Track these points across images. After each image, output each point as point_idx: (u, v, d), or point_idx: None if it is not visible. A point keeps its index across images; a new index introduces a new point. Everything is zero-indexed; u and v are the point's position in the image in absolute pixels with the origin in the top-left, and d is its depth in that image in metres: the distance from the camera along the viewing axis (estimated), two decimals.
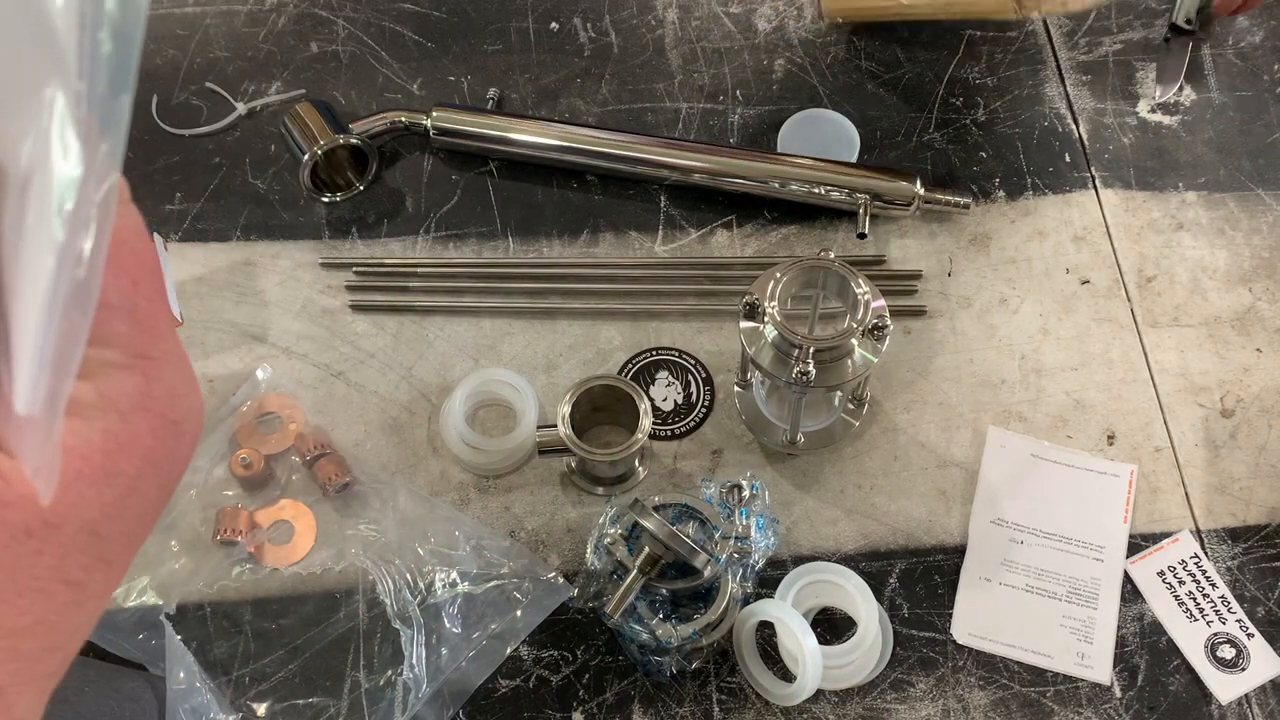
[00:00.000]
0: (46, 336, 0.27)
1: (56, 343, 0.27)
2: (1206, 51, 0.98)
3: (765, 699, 0.70)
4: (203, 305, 0.85)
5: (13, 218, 0.27)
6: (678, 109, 0.95)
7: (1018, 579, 0.74)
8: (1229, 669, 0.71)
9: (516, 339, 0.84)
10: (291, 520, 0.76)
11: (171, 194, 0.91)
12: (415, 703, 0.69)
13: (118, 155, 0.27)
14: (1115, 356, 0.83)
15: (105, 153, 0.27)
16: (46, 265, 0.27)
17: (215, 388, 0.82)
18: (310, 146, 0.85)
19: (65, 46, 0.26)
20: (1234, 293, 0.85)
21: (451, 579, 0.72)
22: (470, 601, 0.72)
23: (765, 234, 0.89)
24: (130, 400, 0.31)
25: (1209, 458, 0.79)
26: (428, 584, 0.72)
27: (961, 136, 0.93)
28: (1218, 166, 0.91)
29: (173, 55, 0.99)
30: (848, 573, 0.72)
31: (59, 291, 0.27)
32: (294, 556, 0.74)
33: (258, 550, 0.74)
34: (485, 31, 1.00)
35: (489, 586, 0.72)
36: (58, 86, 0.26)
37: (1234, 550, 0.75)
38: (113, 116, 0.27)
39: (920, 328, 0.84)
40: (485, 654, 0.71)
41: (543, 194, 0.91)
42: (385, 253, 0.88)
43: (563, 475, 0.78)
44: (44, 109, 0.26)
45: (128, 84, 0.27)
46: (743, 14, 1.01)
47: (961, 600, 0.73)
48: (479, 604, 0.72)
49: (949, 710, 0.70)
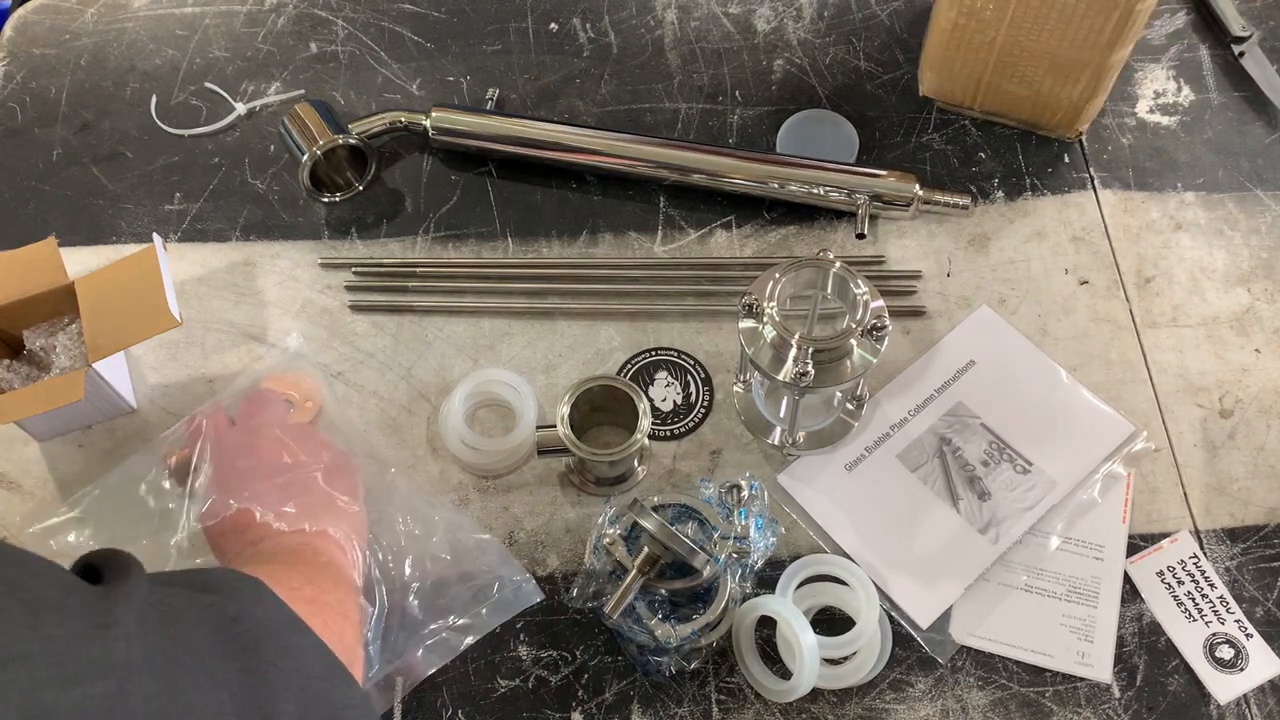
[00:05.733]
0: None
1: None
2: (1205, 52, 0.98)
3: (764, 699, 0.70)
4: (202, 305, 0.85)
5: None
6: (677, 109, 0.95)
7: (1017, 578, 0.74)
8: (1228, 669, 0.71)
9: (516, 339, 0.84)
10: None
11: (171, 194, 0.91)
12: (365, 683, 0.68)
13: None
14: (1114, 357, 0.83)
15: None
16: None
17: (215, 388, 0.82)
18: (310, 147, 0.85)
19: None
20: (1232, 293, 0.85)
21: (423, 564, 0.72)
22: (437, 590, 0.71)
23: (764, 234, 0.89)
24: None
25: (1208, 458, 0.79)
26: (398, 566, 0.72)
27: (960, 137, 0.93)
28: (1216, 167, 0.91)
29: (172, 55, 0.99)
30: (850, 564, 0.72)
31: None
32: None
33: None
34: (484, 32, 1.00)
35: (455, 577, 0.72)
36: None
37: (1232, 550, 0.75)
38: None
39: (919, 328, 0.84)
40: (441, 646, 0.70)
41: (542, 194, 0.91)
42: (384, 253, 0.88)
43: (562, 475, 0.78)
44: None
45: None
46: (742, 14, 1.01)
47: (960, 600, 0.73)
48: (445, 594, 0.71)
49: (948, 710, 0.70)
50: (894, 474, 0.78)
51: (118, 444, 0.80)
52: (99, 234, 0.89)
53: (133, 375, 0.82)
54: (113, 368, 0.78)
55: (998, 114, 0.93)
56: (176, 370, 0.83)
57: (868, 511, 0.76)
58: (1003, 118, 0.93)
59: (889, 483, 0.77)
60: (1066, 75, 0.86)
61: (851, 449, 0.79)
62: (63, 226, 0.89)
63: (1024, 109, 0.91)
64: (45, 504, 0.77)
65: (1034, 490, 0.77)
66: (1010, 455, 0.78)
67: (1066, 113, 0.89)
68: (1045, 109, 0.90)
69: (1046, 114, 0.90)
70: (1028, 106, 0.90)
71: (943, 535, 0.75)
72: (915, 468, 0.78)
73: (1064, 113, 0.89)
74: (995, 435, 0.79)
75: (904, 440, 0.79)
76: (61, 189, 0.92)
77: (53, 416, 0.77)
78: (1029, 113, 0.91)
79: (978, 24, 0.85)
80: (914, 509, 0.76)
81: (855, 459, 0.78)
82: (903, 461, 0.78)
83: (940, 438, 0.79)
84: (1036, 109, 0.90)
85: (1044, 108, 0.90)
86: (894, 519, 0.76)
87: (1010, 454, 0.78)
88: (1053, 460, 0.78)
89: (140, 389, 0.82)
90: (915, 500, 0.77)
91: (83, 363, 0.76)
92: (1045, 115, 0.91)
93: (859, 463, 0.78)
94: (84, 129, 0.95)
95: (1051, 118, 0.91)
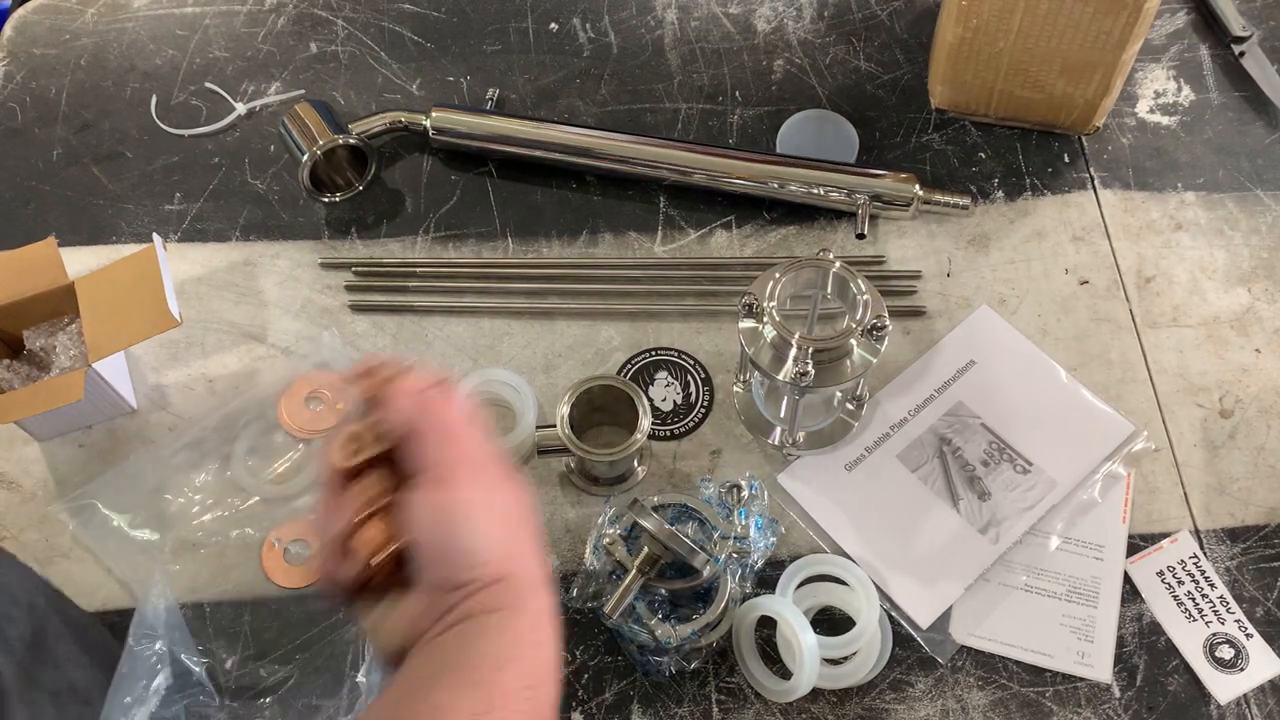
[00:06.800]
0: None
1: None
2: (1205, 52, 0.98)
3: (764, 699, 0.70)
4: (202, 305, 0.85)
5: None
6: (677, 109, 0.95)
7: (1017, 578, 0.74)
8: (1228, 669, 0.71)
9: (515, 339, 0.84)
10: (311, 541, 0.75)
11: (171, 194, 0.91)
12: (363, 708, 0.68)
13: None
14: (1114, 357, 0.83)
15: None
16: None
17: (215, 388, 0.82)
18: (310, 147, 0.85)
19: None
20: (1233, 293, 0.85)
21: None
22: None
23: (764, 234, 0.89)
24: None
25: (1208, 458, 0.79)
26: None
27: (960, 137, 0.93)
28: (1216, 167, 0.91)
29: (172, 55, 0.99)
30: (850, 564, 0.72)
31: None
32: (307, 578, 0.74)
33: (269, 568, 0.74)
34: (484, 32, 1.00)
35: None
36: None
37: (1233, 550, 0.75)
38: None
39: (919, 328, 0.84)
40: None
41: (542, 194, 0.91)
42: (384, 253, 0.88)
43: (561, 475, 0.78)
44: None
45: None
46: (742, 14, 1.01)
47: (960, 600, 0.73)
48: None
49: (948, 710, 0.70)
50: (894, 474, 0.78)
51: (118, 444, 0.80)
52: (99, 234, 0.89)
53: (133, 375, 0.82)
54: (113, 368, 0.78)
55: (1013, 118, 0.93)
56: (176, 370, 0.83)
57: (868, 511, 0.76)
58: (1019, 122, 0.93)
59: (889, 483, 0.77)
60: (1079, 76, 0.86)
61: (851, 449, 0.79)
62: (63, 226, 0.89)
63: (1039, 111, 0.91)
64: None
65: (1034, 490, 0.76)
66: (1010, 455, 0.78)
67: (1082, 111, 0.89)
68: (1060, 110, 0.90)
69: (1062, 114, 0.91)
70: (1042, 109, 0.90)
71: (943, 535, 0.75)
72: (915, 468, 0.78)
73: (1080, 111, 0.90)
74: (995, 435, 0.79)
75: (904, 440, 0.79)
76: (61, 189, 0.92)
77: (53, 416, 0.77)
78: (1044, 115, 0.91)
79: (984, 37, 0.86)
80: (914, 509, 0.76)
81: (855, 459, 0.78)
82: (903, 461, 0.78)
83: (940, 438, 0.79)
84: (1051, 110, 0.90)
85: (1059, 109, 0.90)
86: (894, 519, 0.76)
87: (1010, 454, 0.78)
88: (1053, 460, 0.78)
89: (140, 389, 0.82)
90: (915, 500, 0.76)
91: (83, 363, 0.76)
92: (1061, 116, 0.91)
93: (859, 463, 0.78)
94: (84, 129, 0.95)
95: (1067, 117, 0.91)
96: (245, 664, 0.71)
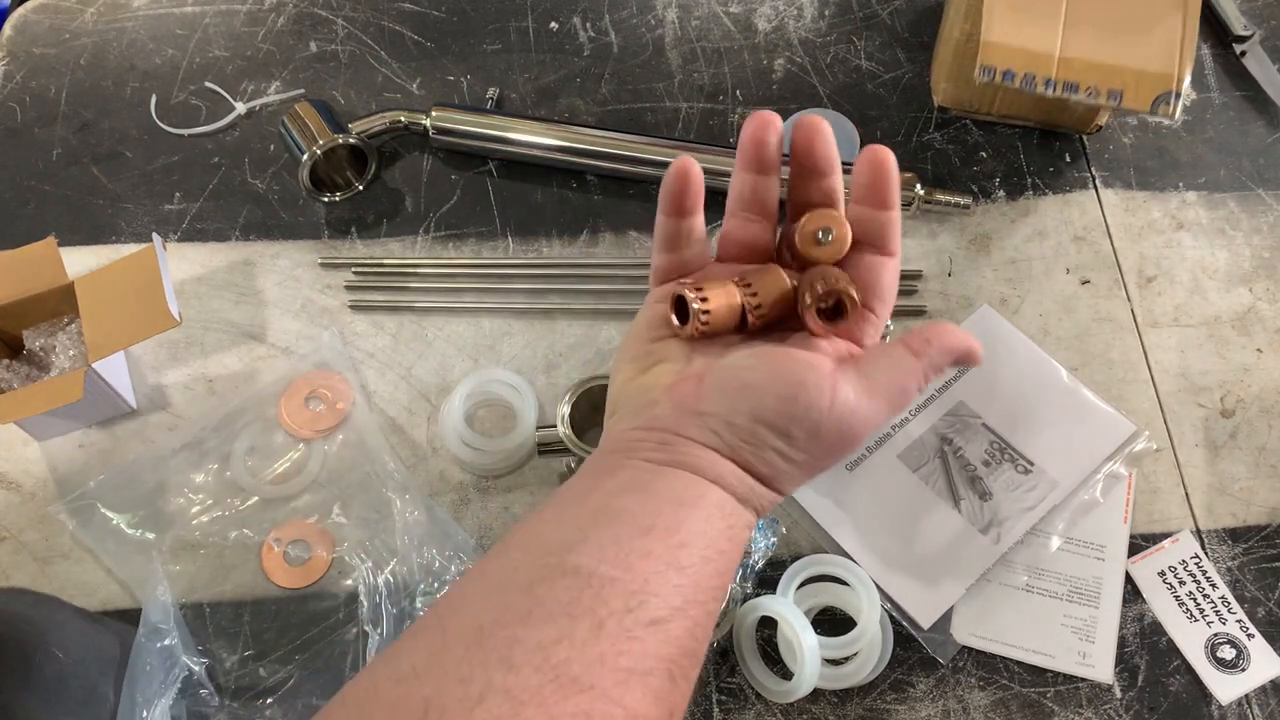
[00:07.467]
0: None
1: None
2: (1206, 51, 0.98)
3: (765, 699, 0.70)
4: (202, 305, 0.85)
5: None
6: (677, 109, 0.95)
7: (1018, 578, 0.74)
8: (1229, 669, 0.71)
9: (516, 339, 0.84)
10: (311, 542, 0.75)
11: (171, 194, 0.91)
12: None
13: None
14: (1115, 356, 0.83)
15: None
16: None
17: (215, 388, 0.82)
18: (309, 146, 0.85)
19: None
20: (1234, 293, 0.85)
21: (431, 591, 0.72)
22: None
23: None
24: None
25: (1209, 458, 0.79)
26: (410, 593, 0.72)
27: (961, 136, 0.93)
28: (1218, 166, 0.91)
29: (172, 55, 0.99)
30: (851, 564, 0.72)
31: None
32: (307, 579, 0.74)
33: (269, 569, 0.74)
34: (485, 31, 1.00)
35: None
36: None
37: (1234, 550, 0.75)
38: None
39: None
40: None
41: (542, 194, 0.91)
42: (384, 252, 0.88)
43: (562, 475, 0.78)
44: None
45: None
46: (743, 13, 1.01)
47: (962, 600, 0.73)
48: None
49: (949, 711, 0.70)
50: (895, 474, 0.77)
51: (117, 444, 0.80)
52: (99, 234, 0.89)
53: (133, 375, 0.82)
54: (113, 368, 0.78)
55: (1015, 117, 0.92)
56: (176, 370, 0.83)
57: (868, 511, 0.76)
58: (1021, 121, 0.93)
59: (890, 483, 0.77)
60: None
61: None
62: (62, 226, 0.89)
63: (1041, 109, 0.91)
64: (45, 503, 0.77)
65: (1035, 490, 0.76)
66: (1011, 455, 0.78)
67: (1084, 110, 0.89)
68: (1062, 109, 0.90)
69: (1064, 113, 0.90)
70: (1044, 108, 0.90)
71: (944, 535, 0.75)
72: (916, 468, 0.78)
73: (1082, 111, 0.89)
74: (996, 435, 0.78)
75: (905, 440, 0.79)
76: (61, 189, 0.92)
77: (53, 416, 0.77)
78: (1045, 113, 0.91)
79: None
80: (915, 509, 0.76)
81: (856, 459, 0.78)
82: (904, 461, 0.78)
83: (941, 438, 0.79)
84: (1053, 109, 0.90)
85: (1061, 108, 0.90)
86: (895, 519, 0.76)
87: (1011, 454, 0.78)
88: (1054, 460, 0.77)
89: (140, 389, 0.82)
90: (916, 500, 0.76)
91: (83, 363, 0.75)
92: (1063, 115, 0.91)
93: (859, 463, 0.78)
94: (84, 129, 0.95)
95: (1069, 117, 0.91)
96: (245, 664, 0.71)
